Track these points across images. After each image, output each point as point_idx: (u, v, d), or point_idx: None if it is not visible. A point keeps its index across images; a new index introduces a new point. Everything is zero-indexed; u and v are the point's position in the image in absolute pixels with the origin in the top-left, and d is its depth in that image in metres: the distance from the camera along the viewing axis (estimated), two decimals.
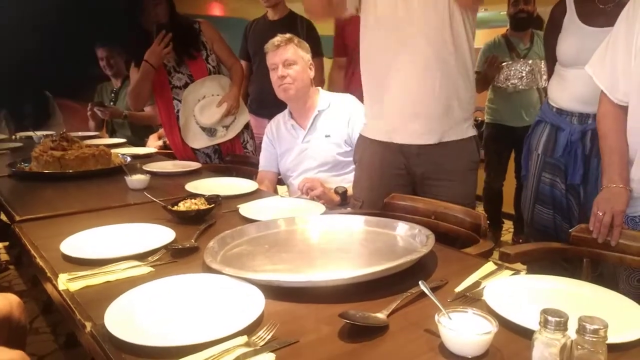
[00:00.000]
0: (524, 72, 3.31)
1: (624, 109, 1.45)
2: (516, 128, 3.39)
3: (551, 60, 2.22)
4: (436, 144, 1.72)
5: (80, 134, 3.60)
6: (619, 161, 1.46)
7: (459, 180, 1.75)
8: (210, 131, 2.75)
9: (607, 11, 1.96)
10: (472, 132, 1.78)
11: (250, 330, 0.87)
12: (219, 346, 0.82)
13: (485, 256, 1.31)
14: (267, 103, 2.99)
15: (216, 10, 7.11)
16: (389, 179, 1.80)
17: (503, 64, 3.33)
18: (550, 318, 0.73)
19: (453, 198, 1.69)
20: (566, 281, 1.08)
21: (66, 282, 1.06)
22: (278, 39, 2.20)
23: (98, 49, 3.78)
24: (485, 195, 3.81)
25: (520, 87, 3.34)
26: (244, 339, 0.84)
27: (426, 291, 0.94)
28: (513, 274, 1.13)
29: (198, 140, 2.76)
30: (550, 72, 2.26)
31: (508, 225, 4.03)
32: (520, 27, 3.40)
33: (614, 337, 0.79)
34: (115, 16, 2.87)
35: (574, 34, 2.03)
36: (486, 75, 3.35)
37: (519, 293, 1.02)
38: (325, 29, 3.31)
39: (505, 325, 0.89)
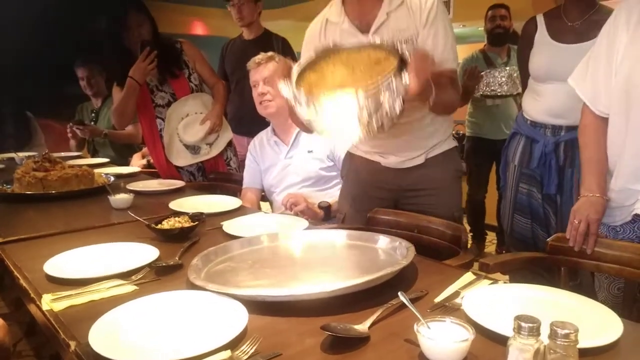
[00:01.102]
0: (503, 78, 3.38)
1: (604, 121, 1.50)
2: (496, 141, 3.46)
3: (524, 75, 2.29)
4: (422, 162, 1.75)
5: (62, 154, 3.59)
6: (596, 171, 1.50)
7: (445, 190, 1.78)
8: (193, 149, 2.76)
9: (576, 28, 2.05)
10: (454, 143, 1.82)
11: (233, 344, 0.88)
12: None
13: (466, 267, 1.33)
14: (245, 121, 3.02)
15: (198, 29, 7.15)
16: (372, 191, 1.82)
17: (482, 72, 3.40)
18: (523, 324, 0.75)
19: (439, 208, 1.72)
20: (543, 289, 1.11)
21: (50, 302, 1.07)
22: (260, 56, 2.23)
23: (78, 69, 3.77)
24: (467, 208, 3.86)
25: (499, 92, 3.40)
26: (227, 353, 0.85)
27: (405, 302, 0.96)
28: (491, 284, 1.16)
29: (182, 158, 2.77)
30: (524, 86, 2.34)
31: (492, 236, 4.08)
32: (496, 43, 3.49)
33: (587, 342, 0.83)
34: (96, 35, 2.89)
35: (545, 50, 2.11)
36: (467, 87, 3.42)
37: (496, 302, 1.04)
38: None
39: (483, 333, 0.91)
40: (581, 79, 1.55)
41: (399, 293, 0.98)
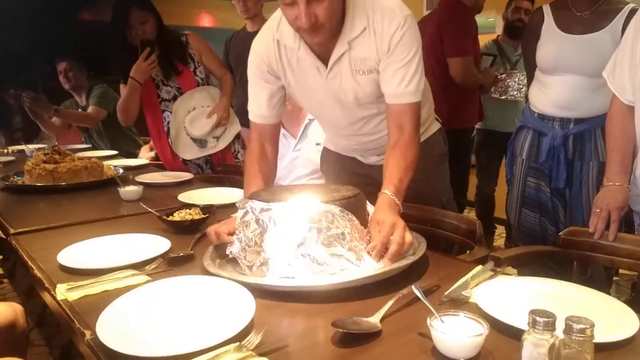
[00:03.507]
0: (522, 83, 3.32)
1: (631, 110, 1.53)
2: (507, 133, 3.41)
3: (530, 67, 2.27)
4: None
5: (77, 146, 3.62)
6: (620, 160, 1.53)
7: (431, 178, 1.73)
8: (200, 142, 2.76)
9: (584, 19, 2.02)
10: (436, 126, 1.76)
11: (241, 336, 0.88)
12: (210, 353, 0.82)
13: (480, 262, 1.32)
14: None
15: (206, 22, 7.15)
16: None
17: (502, 75, 3.35)
18: (538, 319, 0.75)
19: (427, 196, 1.68)
20: (556, 283, 1.10)
21: (64, 292, 1.07)
22: None
23: (58, 63, 3.72)
24: (477, 201, 3.83)
25: (519, 98, 3.35)
26: (235, 344, 0.85)
27: (419, 295, 0.96)
28: (501, 276, 1.15)
29: (189, 152, 2.76)
30: (530, 79, 2.32)
31: (500, 230, 4.05)
32: (515, 35, 3.43)
33: (602, 337, 0.81)
34: (93, 32, 2.89)
35: (552, 41, 2.08)
36: (482, 86, 3.38)
37: (509, 296, 1.04)
38: None
39: (497, 327, 0.90)
40: (610, 71, 1.57)
41: (413, 286, 0.98)
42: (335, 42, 1.39)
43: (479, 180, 3.75)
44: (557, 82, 2.08)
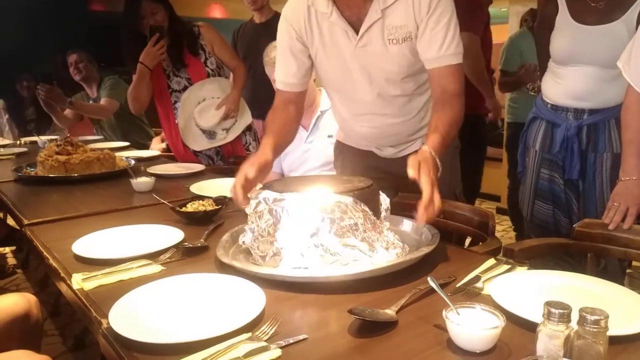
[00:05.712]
0: None
1: None
2: None
3: (543, 58, 2.24)
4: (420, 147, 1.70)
5: (89, 137, 3.64)
6: (636, 153, 1.51)
7: (445, 170, 1.72)
8: (209, 134, 2.76)
9: (599, 9, 1.99)
10: None
11: (253, 326, 0.88)
12: (224, 343, 0.83)
13: (493, 254, 1.31)
14: (260, 104, 3.00)
15: (216, 13, 7.14)
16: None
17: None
18: (553, 310, 0.74)
19: (442, 188, 1.66)
20: (571, 275, 1.09)
21: (80, 282, 1.09)
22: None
23: (69, 55, 3.73)
24: (509, 202, 3.62)
25: None
26: (248, 334, 0.85)
27: (435, 287, 0.96)
28: (509, 268, 1.15)
29: (198, 143, 2.76)
30: (542, 69, 2.28)
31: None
32: None
33: (617, 330, 0.81)
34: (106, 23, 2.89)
35: (567, 32, 2.05)
36: (520, 81, 3.29)
37: (524, 288, 1.03)
38: None
39: (512, 319, 0.90)
40: (626, 61, 1.55)
41: (429, 278, 0.98)
42: (368, 9, 1.40)
43: (511, 180, 3.54)
44: (572, 73, 2.05)
